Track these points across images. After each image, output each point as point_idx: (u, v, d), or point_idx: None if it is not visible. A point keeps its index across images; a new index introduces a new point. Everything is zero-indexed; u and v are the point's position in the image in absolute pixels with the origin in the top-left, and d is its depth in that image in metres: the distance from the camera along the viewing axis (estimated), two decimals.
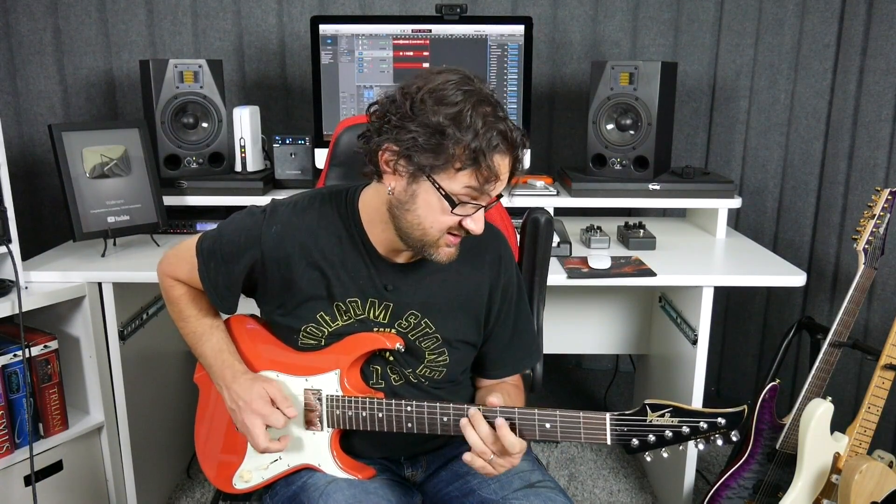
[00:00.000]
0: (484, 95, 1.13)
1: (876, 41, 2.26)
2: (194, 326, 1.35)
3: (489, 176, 1.11)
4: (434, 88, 1.12)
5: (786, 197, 2.60)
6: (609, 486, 2.32)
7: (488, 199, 1.16)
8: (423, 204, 1.14)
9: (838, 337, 1.83)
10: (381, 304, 1.26)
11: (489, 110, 1.11)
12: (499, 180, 1.14)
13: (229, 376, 1.28)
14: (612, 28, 2.64)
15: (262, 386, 1.26)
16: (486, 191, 1.13)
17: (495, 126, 1.10)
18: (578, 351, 2.63)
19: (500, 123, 1.11)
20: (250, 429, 1.24)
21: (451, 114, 1.09)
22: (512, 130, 1.12)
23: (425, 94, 1.11)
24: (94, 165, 1.90)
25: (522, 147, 1.15)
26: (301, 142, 2.24)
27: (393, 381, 1.29)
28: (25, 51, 2.53)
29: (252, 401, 1.24)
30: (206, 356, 1.33)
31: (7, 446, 1.71)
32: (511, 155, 1.14)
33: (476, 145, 1.09)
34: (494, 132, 1.10)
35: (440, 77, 1.14)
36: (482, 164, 1.10)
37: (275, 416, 1.24)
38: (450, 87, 1.11)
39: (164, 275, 1.39)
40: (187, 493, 2.26)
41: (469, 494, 1.29)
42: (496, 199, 1.17)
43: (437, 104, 1.10)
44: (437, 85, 1.12)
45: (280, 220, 1.26)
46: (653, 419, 1.12)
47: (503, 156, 1.12)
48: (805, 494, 1.71)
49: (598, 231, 2.15)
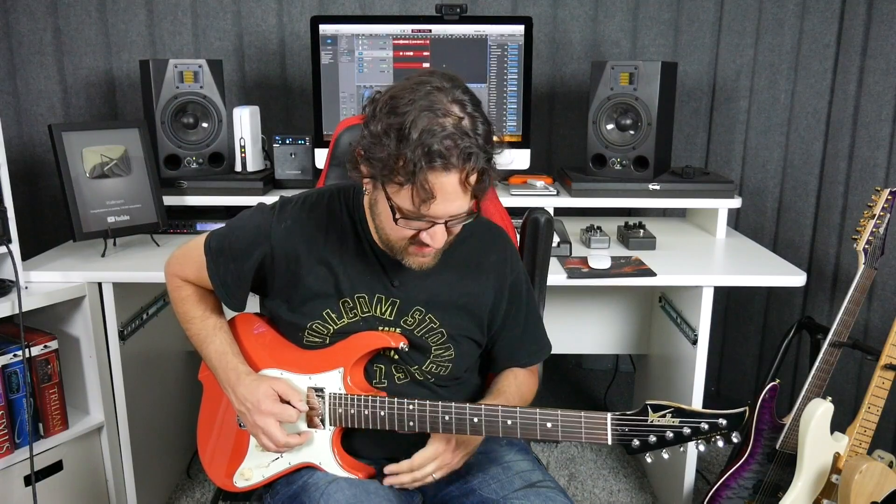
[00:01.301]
0: (438, 106, 1.05)
1: (876, 41, 2.26)
2: (199, 328, 1.36)
3: (424, 196, 1.05)
4: (393, 95, 1.07)
5: (786, 197, 2.60)
6: (609, 486, 2.32)
7: (434, 218, 1.10)
8: (382, 210, 1.14)
9: (838, 337, 1.83)
10: (388, 300, 1.26)
11: (439, 123, 1.04)
12: (436, 200, 1.06)
13: (233, 378, 1.29)
14: (612, 28, 2.64)
15: (268, 384, 1.26)
16: (425, 211, 1.08)
17: (431, 141, 1.02)
18: (578, 351, 2.63)
19: (444, 140, 1.03)
20: (264, 429, 1.24)
21: (395, 124, 1.05)
22: (458, 146, 1.03)
23: (386, 99, 1.08)
24: (94, 165, 1.90)
25: (477, 163, 1.06)
26: (301, 142, 2.24)
27: (397, 379, 1.29)
28: (25, 51, 2.53)
29: (260, 401, 1.24)
30: (210, 358, 1.34)
31: (7, 446, 1.71)
32: (458, 173, 1.05)
33: (411, 161, 1.03)
34: (430, 148, 1.02)
35: (409, 82, 1.09)
36: (417, 181, 1.04)
37: (287, 411, 1.24)
38: (406, 95, 1.06)
39: (171, 275, 1.39)
40: (187, 493, 2.26)
41: (469, 494, 1.29)
42: (468, 217, 1.12)
43: (389, 113, 1.06)
44: (397, 91, 1.08)
45: (290, 215, 1.27)
46: (654, 420, 1.12)
47: (441, 174, 1.04)
48: (805, 494, 1.71)
49: (598, 231, 2.15)
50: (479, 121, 1.08)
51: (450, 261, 1.26)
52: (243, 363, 1.31)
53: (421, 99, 1.05)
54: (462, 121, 1.06)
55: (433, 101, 1.06)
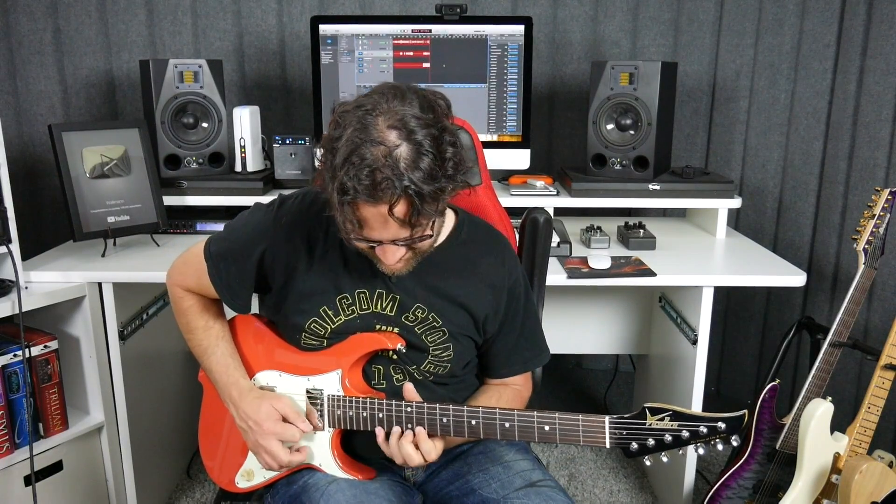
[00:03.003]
0: (371, 133, 1.00)
1: (876, 41, 2.26)
2: (201, 338, 1.35)
3: (353, 221, 1.04)
4: (343, 106, 1.04)
5: (786, 197, 2.60)
6: (609, 486, 2.32)
7: (375, 241, 1.08)
8: None
9: (838, 337, 1.83)
10: (389, 295, 1.26)
11: (368, 151, 0.99)
12: (366, 227, 1.04)
13: (236, 395, 1.29)
14: (612, 28, 2.64)
15: (271, 404, 1.25)
16: (363, 234, 1.06)
17: (350, 173, 0.99)
18: (578, 351, 2.63)
19: (363, 172, 0.98)
20: (267, 448, 1.24)
21: (330, 143, 1.02)
22: (376, 180, 0.98)
23: (339, 112, 1.04)
24: (94, 165, 1.90)
25: (399, 196, 1.00)
26: (301, 142, 2.24)
27: (395, 380, 1.29)
28: (25, 51, 2.53)
29: (263, 422, 1.24)
30: (212, 371, 1.34)
31: (7, 446, 1.71)
32: (380, 205, 1.01)
33: (340, 186, 1.00)
34: (344, 181, 0.99)
35: (364, 96, 1.05)
36: (343, 208, 1.02)
37: (289, 431, 1.24)
38: (349, 113, 1.03)
39: (173, 285, 1.38)
40: (187, 493, 2.26)
41: (470, 494, 1.29)
42: (420, 239, 1.09)
43: (334, 127, 1.03)
44: (348, 104, 1.04)
45: (288, 211, 1.27)
46: (652, 423, 1.11)
47: (362, 205, 1.02)
48: (805, 494, 1.71)
49: (598, 231, 2.15)
50: (425, 151, 1.02)
51: (447, 262, 1.26)
52: (245, 377, 1.31)
53: (357, 121, 1.01)
54: (396, 149, 1.00)
55: (367, 124, 1.01)
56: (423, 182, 1.02)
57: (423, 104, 1.06)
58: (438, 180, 1.04)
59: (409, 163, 1.01)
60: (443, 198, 1.07)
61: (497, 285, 1.30)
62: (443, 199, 1.07)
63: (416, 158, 1.02)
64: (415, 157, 1.01)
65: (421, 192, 1.02)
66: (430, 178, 1.03)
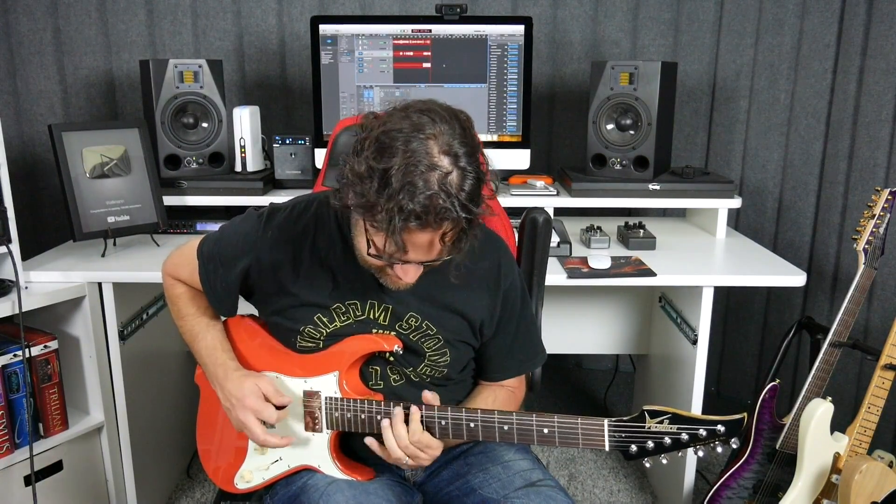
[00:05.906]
0: (426, 159, 1.00)
1: (876, 41, 2.26)
2: (191, 325, 1.36)
3: (398, 247, 1.04)
4: (386, 132, 1.02)
5: (786, 197, 2.60)
6: (609, 486, 2.32)
7: (406, 260, 1.09)
8: (358, 234, 1.13)
9: (838, 337, 1.83)
10: (381, 306, 1.26)
11: (424, 179, 0.99)
12: (408, 252, 1.06)
13: (221, 374, 1.29)
14: (612, 28, 2.64)
15: (254, 382, 1.26)
16: (398, 257, 1.07)
17: (410, 199, 0.99)
18: (578, 351, 2.63)
19: (424, 199, 0.99)
20: (245, 423, 1.25)
21: (380, 171, 1.00)
22: (437, 207, 0.99)
23: (377, 135, 1.03)
24: (94, 165, 1.90)
25: (455, 224, 1.03)
26: (301, 142, 2.24)
27: (393, 381, 1.29)
28: (25, 51, 2.53)
29: (244, 397, 1.25)
30: (200, 354, 1.34)
31: (7, 446, 1.71)
32: (434, 232, 1.03)
33: (388, 215, 1.00)
34: (407, 207, 0.99)
35: (405, 121, 1.03)
36: (392, 234, 1.02)
37: (267, 410, 1.24)
38: (397, 138, 1.01)
39: (166, 274, 1.41)
40: (187, 493, 2.26)
41: (470, 494, 1.29)
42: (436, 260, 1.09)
43: (376, 153, 1.02)
44: (390, 129, 1.02)
45: (276, 224, 1.27)
46: (651, 426, 1.11)
47: (416, 232, 1.03)
48: (805, 494, 1.71)
49: (598, 231, 2.15)
50: (470, 175, 1.03)
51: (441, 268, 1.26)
52: (233, 359, 1.31)
53: (410, 149, 1.01)
54: (448, 176, 1.01)
55: (422, 151, 1.01)
56: (473, 206, 1.04)
57: (462, 126, 1.06)
58: (480, 203, 1.06)
59: (463, 189, 1.02)
60: (479, 224, 1.09)
61: (493, 289, 1.30)
62: (478, 225, 1.09)
63: (466, 186, 1.03)
64: (464, 185, 1.03)
65: (471, 217, 1.04)
66: (475, 201, 1.05)
